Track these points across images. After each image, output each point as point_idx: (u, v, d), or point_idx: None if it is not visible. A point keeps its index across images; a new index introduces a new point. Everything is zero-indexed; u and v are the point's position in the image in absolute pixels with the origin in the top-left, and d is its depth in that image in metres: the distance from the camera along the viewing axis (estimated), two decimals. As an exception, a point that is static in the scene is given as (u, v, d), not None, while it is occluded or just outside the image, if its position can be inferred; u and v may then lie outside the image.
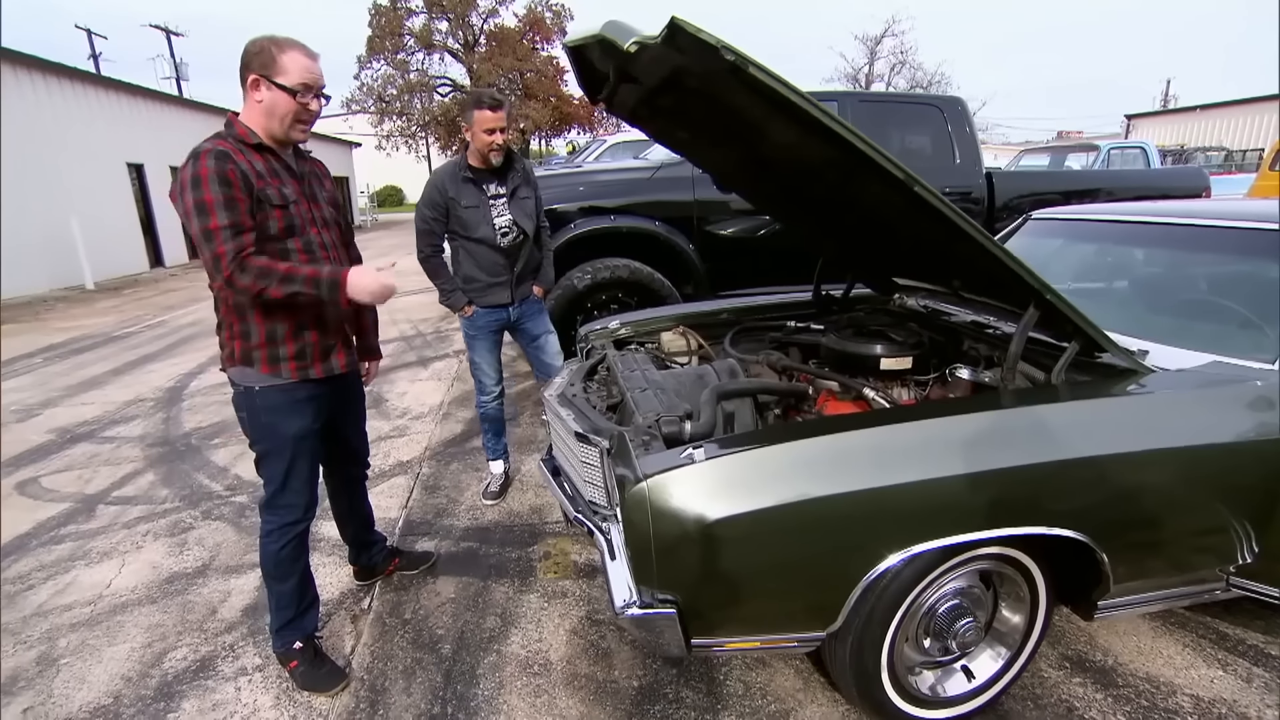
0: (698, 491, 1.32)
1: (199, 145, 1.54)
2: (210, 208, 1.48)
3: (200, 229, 1.48)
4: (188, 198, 1.49)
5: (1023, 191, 4.80)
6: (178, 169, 1.55)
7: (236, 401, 1.73)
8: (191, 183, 1.49)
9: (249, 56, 1.57)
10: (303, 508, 1.80)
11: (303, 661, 1.84)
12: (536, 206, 2.67)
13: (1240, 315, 1.82)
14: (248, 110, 1.61)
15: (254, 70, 1.56)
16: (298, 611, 1.85)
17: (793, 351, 2.37)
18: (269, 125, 1.60)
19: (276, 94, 1.57)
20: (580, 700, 1.76)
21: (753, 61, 1.26)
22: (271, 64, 1.55)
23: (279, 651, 1.87)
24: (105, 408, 4.48)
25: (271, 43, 1.57)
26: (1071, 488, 1.46)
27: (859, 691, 1.55)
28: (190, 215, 1.49)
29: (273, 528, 1.78)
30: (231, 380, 1.71)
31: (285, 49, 1.57)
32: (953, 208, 1.45)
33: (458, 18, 25.36)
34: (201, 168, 1.49)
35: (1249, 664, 1.81)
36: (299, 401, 1.72)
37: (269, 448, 1.73)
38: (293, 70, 1.57)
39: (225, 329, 1.67)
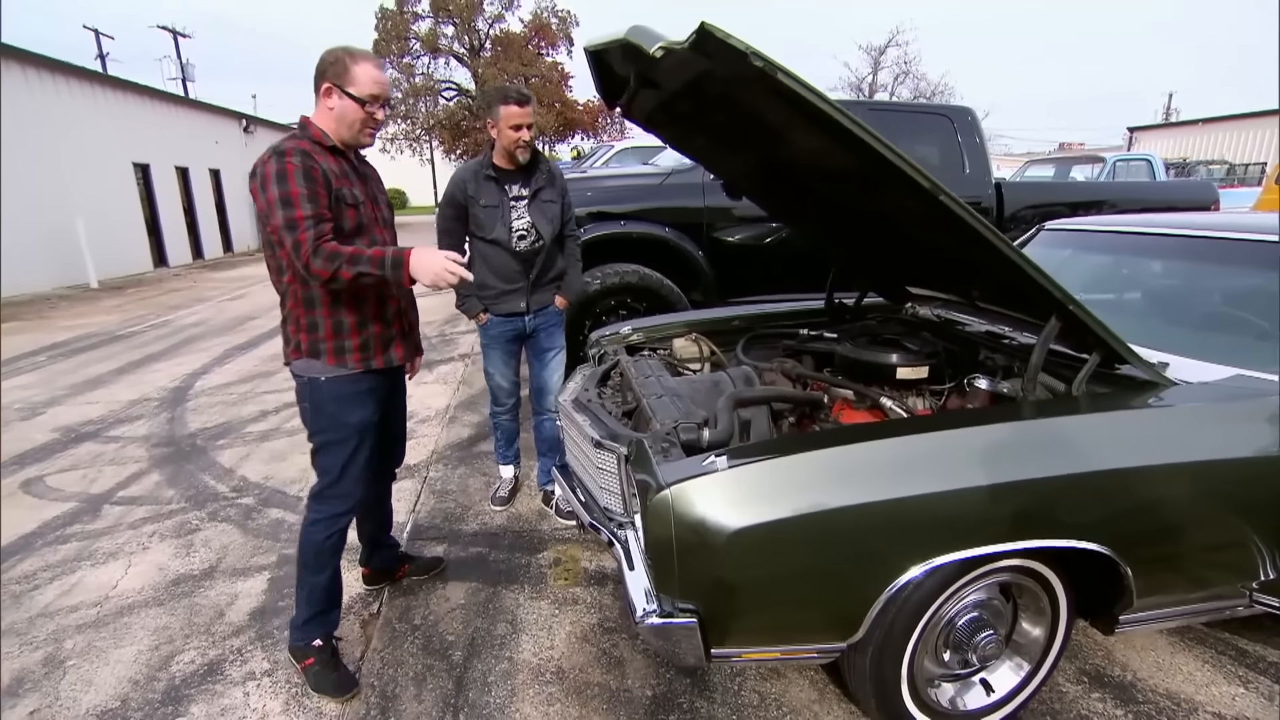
0: (721, 500, 1.31)
1: (281, 143, 1.61)
2: (296, 200, 1.55)
3: (285, 219, 1.55)
4: (272, 190, 1.55)
5: (1031, 202, 4.79)
6: (256, 167, 1.60)
7: (300, 393, 1.78)
8: (277, 177, 1.56)
9: (324, 65, 1.65)
10: (353, 500, 1.83)
11: (318, 661, 1.83)
12: (563, 211, 2.57)
13: (1263, 329, 1.81)
14: (320, 115, 1.68)
15: (328, 79, 1.64)
16: (325, 607, 1.85)
17: (806, 359, 2.36)
18: (339, 130, 1.68)
19: (347, 102, 1.65)
20: (594, 709, 1.74)
21: (781, 68, 1.25)
22: (344, 74, 1.63)
23: (297, 647, 1.85)
24: (110, 407, 4.46)
25: (346, 54, 1.65)
26: (1094, 500, 1.44)
27: (878, 704, 1.53)
28: (274, 207, 1.55)
29: (321, 517, 1.80)
30: (295, 373, 1.76)
31: (358, 60, 1.65)
32: (978, 217, 1.44)
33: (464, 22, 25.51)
34: (287, 163, 1.57)
35: (1271, 681, 1.79)
36: (362, 392, 1.77)
37: (332, 438, 1.76)
38: (363, 81, 1.65)
39: (291, 323, 1.72)
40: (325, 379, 1.73)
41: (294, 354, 1.74)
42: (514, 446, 2.91)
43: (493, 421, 2.84)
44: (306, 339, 1.71)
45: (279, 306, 1.76)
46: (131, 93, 13.36)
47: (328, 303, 1.69)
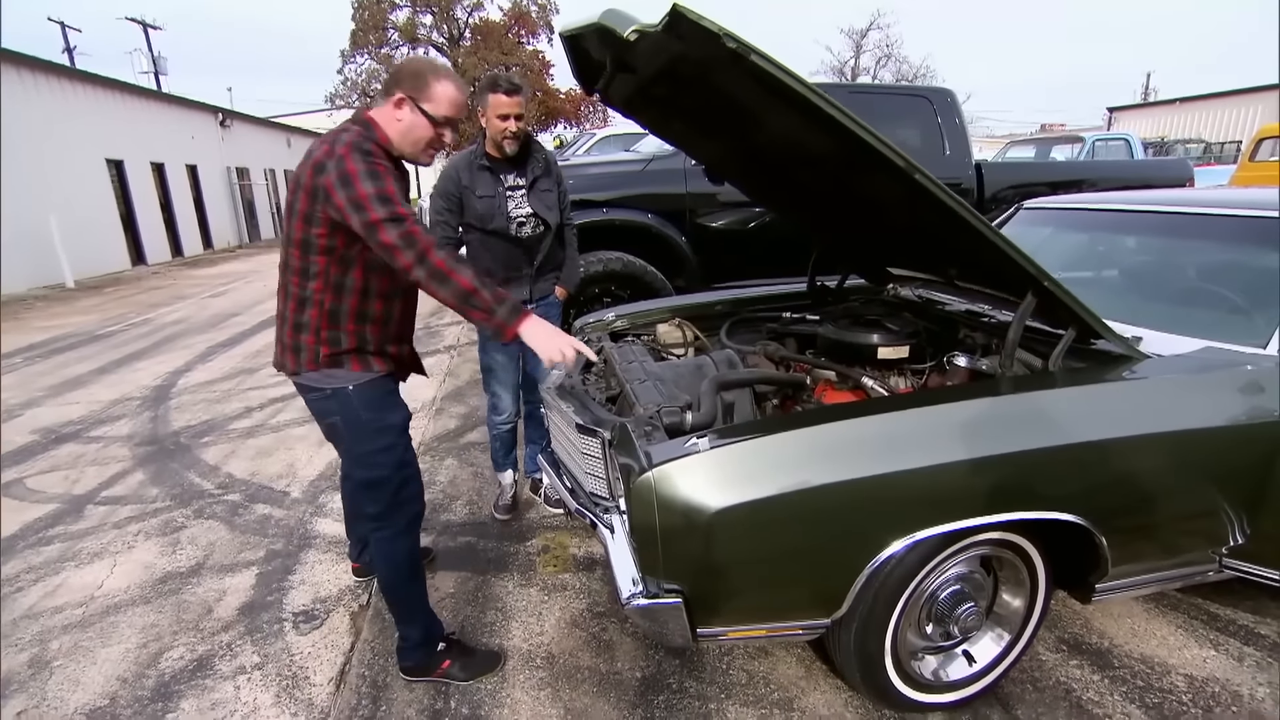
0: (703, 481, 1.32)
1: (358, 138, 1.48)
2: (394, 198, 1.45)
3: (387, 214, 1.42)
4: (363, 186, 1.42)
5: (1011, 182, 4.84)
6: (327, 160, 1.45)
7: (324, 408, 1.66)
8: (369, 175, 1.43)
9: (403, 74, 1.56)
10: (420, 496, 1.77)
11: (454, 658, 1.81)
12: (560, 199, 2.51)
13: (1232, 301, 1.84)
14: (385, 120, 1.56)
15: (404, 88, 1.53)
16: (431, 613, 1.82)
17: (789, 342, 2.38)
18: (401, 143, 1.58)
19: (418, 118, 1.55)
20: (584, 692, 1.76)
21: (754, 49, 1.25)
22: (424, 89, 1.54)
23: (420, 663, 1.79)
24: (91, 407, 4.40)
25: (429, 68, 1.56)
26: (1070, 472, 1.47)
27: (863, 677, 1.56)
28: (369, 201, 1.42)
29: (401, 527, 1.71)
30: (310, 386, 1.63)
31: (440, 78, 1.55)
32: (954, 196, 1.45)
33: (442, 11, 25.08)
34: (378, 163, 1.46)
35: (1240, 643, 1.85)
36: (392, 391, 1.71)
37: (381, 443, 1.65)
38: (441, 100, 1.55)
39: (309, 332, 1.58)
40: (354, 387, 1.62)
41: (310, 364, 1.60)
42: (513, 454, 2.77)
43: (491, 433, 2.68)
44: (328, 351, 1.58)
45: (289, 310, 1.58)
46: (102, 87, 13.04)
47: (355, 317, 1.59)
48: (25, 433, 3.94)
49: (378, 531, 1.72)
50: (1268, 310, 1.69)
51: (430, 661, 1.80)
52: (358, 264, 1.56)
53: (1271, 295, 1.71)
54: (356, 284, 1.58)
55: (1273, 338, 1.63)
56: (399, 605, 1.78)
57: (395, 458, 1.68)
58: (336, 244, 1.51)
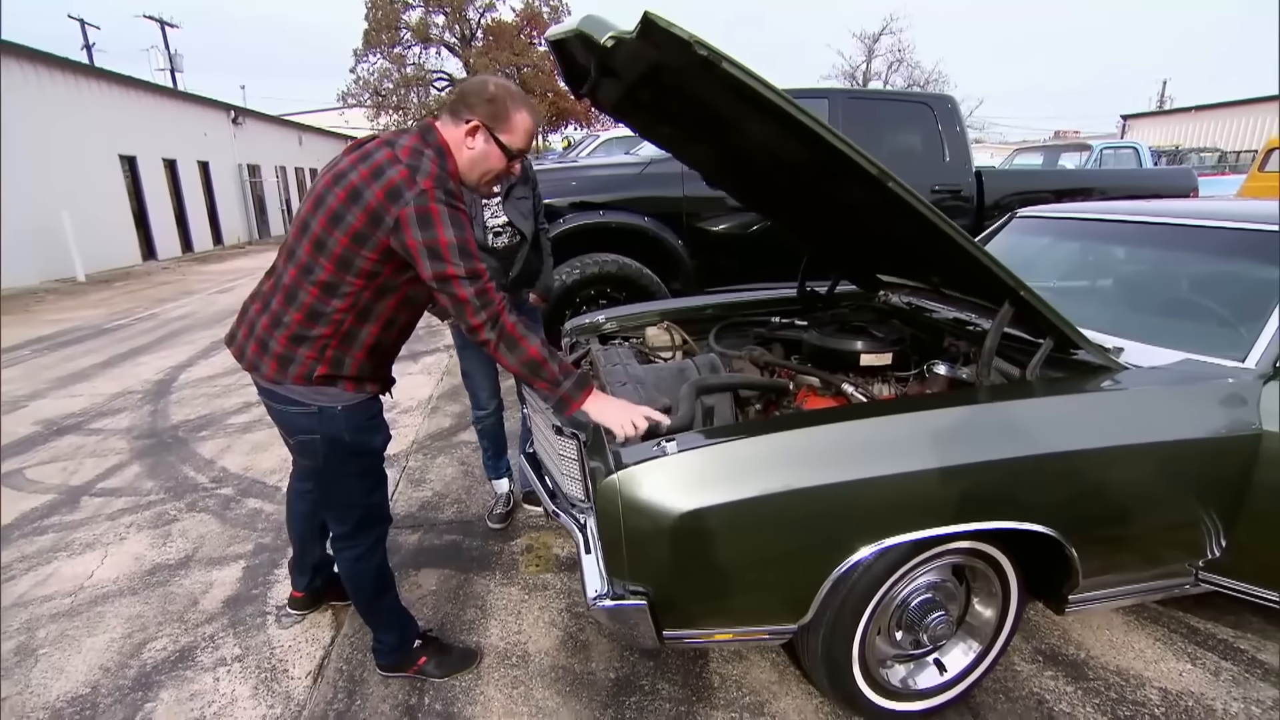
0: (669, 484, 1.33)
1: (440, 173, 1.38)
2: (474, 251, 1.38)
3: (467, 270, 1.36)
4: (446, 234, 1.34)
5: (1013, 190, 4.81)
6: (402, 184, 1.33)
7: (302, 424, 1.54)
8: (452, 220, 1.35)
9: (476, 98, 1.44)
10: (387, 513, 1.74)
11: (430, 656, 1.82)
12: (535, 206, 2.47)
13: (1214, 314, 1.83)
14: (454, 145, 1.46)
15: (479, 115, 1.44)
16: (405, 617, 1.82)
17: (776, 347, 2.38)
18: (469, 172, 1.50)
19: (493, 149, 1.47)
20: (557, 691, 1.77)
21: (725, 57, 1.26)
22: (503, 119, 1.45)
23: (393, 664, 1.80)
24: (93, 400, 4.46)
25: (509, 95, 1.47)
26: (1041, 482, 1.48)
27: (830, 684, 1.57)
28: (448, 253, 1.34)
29: (366, 547, 1.68)
30: (292, 399, 1.50)
31: (520, 107, 1.47)
32: (926, 204, 1.45)
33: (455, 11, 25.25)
34: (460, 207, 1.39)
35: (1218, 658, 1.83)
36: (377, 415, 1.65)
37: (356, 467, 1.60)
38: (519, 132, 1.48)
39: (311, 347, 1.45)
40: (343, 408, 1.53)
41: (298, 379, 1.47)
42: (504, 458, 2.72)
43: (477, 429, 2.65)
44: (327, 370, 1.48)
45: (291, 317, 1.44)
46: (118, 84, 13.22)
47: (369, 345, 1.51)
48: (28, 424, 4.01)
49: (345, 551, 1.69)
50: (1248, 324, 1.68)
51: (406, 659, 1.81)
52: (395, 295, 1.48)
53: (1252, 309, 1.70)
54: (385, 313, 1.50)
55: (1252, 351, 1.62)
56: (371, 616, 1.78)
57: (369, 482, 1.64)
58: (383, 271, 1.42)
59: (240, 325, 1.57)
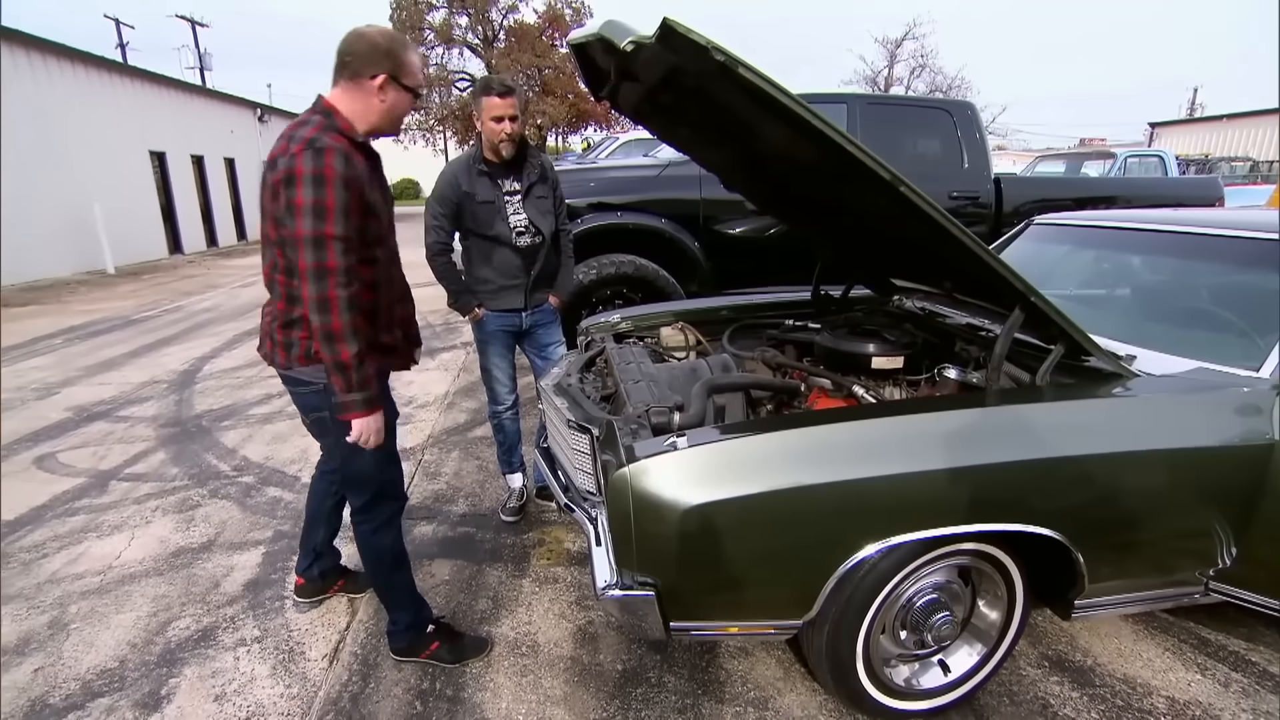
0: (678, 478, 1.36)
1: (317, 137, 1.41)
2: (330, 213, 1.39)
3: (313, 232, 1.38)
4: (304, 193, 1.37)
5: (1033, 197, 4.78)
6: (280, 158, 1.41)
7: (312, 402, 1.63)
8: (313, 180, 1.37)
9: (377, 54, 1.47)
10: (403, 490, 1.81)
11: (442, 640, 1.86)
12: (556, 206, 2.49)
13: (1228, 323, 1.83)
14: (358, 104, 1.49)
15: (384, 69, 1.47)
16: (419, 599, 1.87)
17: (789, 349, 2.40)
18: (381, 124, 1.53)
19: (402, 95, 1.51)
20: (565, 681, 1.81)
21: (741, 62, 1.30)
22: (403, 65, 1.49)
23: (407, 647, 1.85)
24: (121, 388, 4.60)
25: (396, 43, 1.50)
26: (1048, 486, 1.49)
27: (834, 681, 1.59)
28: (301, 213, 1.37)
29: (381, 522, 1.75)
30: (300, 380, 1.61)
31: (409, 50, 1.52)
32: (939, 209, 1.47)
33: (478, 13, 25.48)
34: (327, 166, 1.38)
35: (1228, 669, 1.82)
36: (384, 390, 1.68)
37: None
38: (415, 70, 1.53)
39: (301, 327, 1.55)
40: None
41: (301, 359, 1.57)
42: (518, 453, 2.75)
43: (494, 424, 2.68)
44: (320, 346, 1.52)
45: (278, 308, 1.57)
46: (149, 82, 13.56)
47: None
48: (60, 409, 4.14)
49: (361, 525, 1.76)
50: (1264, 334, 1.68)
51: (419, 643, 1.86)
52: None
53: (1268, 319, 1.69)
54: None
55: (1267, 361, 1.61)
56: (386, 593, 1.85)
57: (382, 455, 1.68)
58: None
59: (260, 325, 1.71)
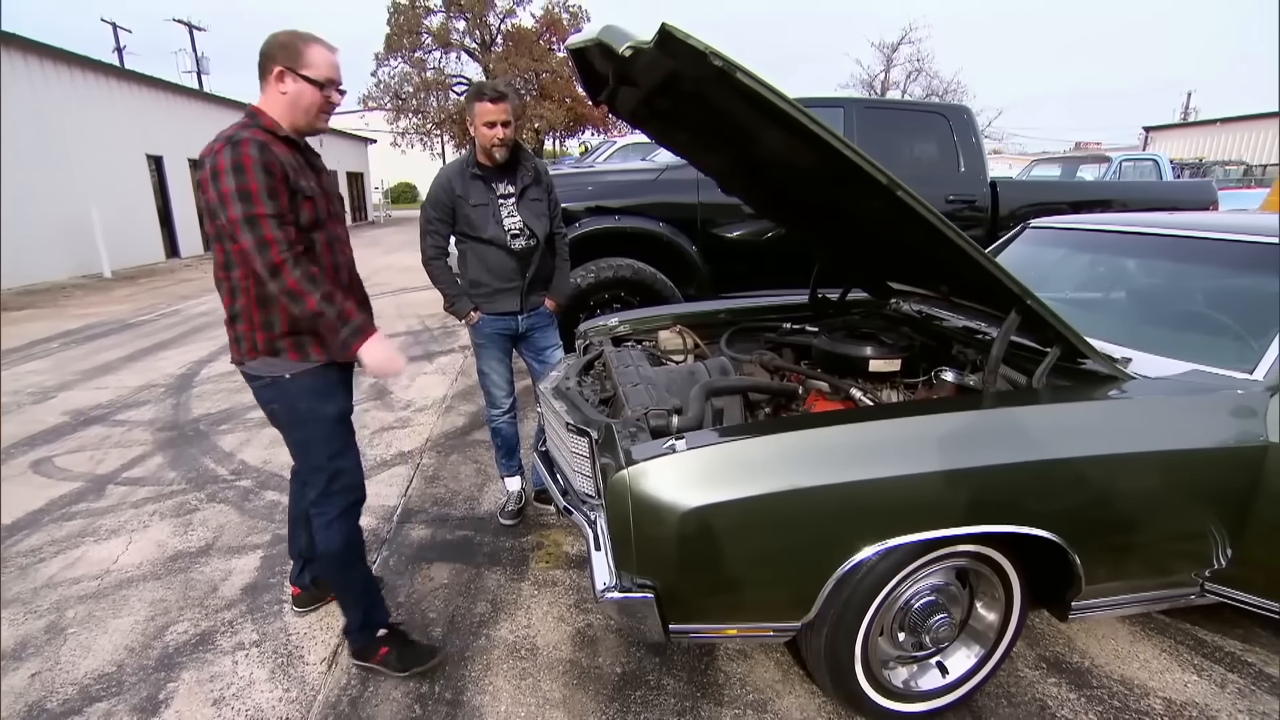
0: (677, 480, 1.37)
1: (235, 133, 1.52)
2: (255, 195, 1.47)
3: (244, 214, 1.46)
4: (227, 182, 1.46)
5: (1029, 201, 4.80)
6: (205, 157, 1.51)
7: (265, 396, 1.70)
8: (233, 169, 1.47)
9: (273, 49, 1.58)
10: (359, 485, 1.80)
11: (392, 647, 1.83)
12: (551, 209, 2.49)
13: (1222, 325, 1.84)
14: (270, 102, 1.61)
15: (279, 63, 1.57)
16: (374, 598, 1.85)
17: (786, 352, 2.41)
18: (294, 117, 1.62)
19: (303, 86, 1.59)
20: (564, 684, 1.81)
21: (739, 67, 1.31)
22: (298, 57, 1.58)
23: (361, 647, 1.83)
24: (118, 392, 4.59)
25: (296, 37, 1.60)
26: (1045, 488, 1.49)
27: (833, 683, 1.59)
28: (229, 200, 1.46)
29: (336, 514, 1.75)
30: (252, 374, 1.68)
31: (309, 43, 1.60)
32: (935, 213, 1.48)
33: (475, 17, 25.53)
34: (244, 155, 1.47)
35: (1224, 670, 1.83)
36: (333, 383, 1.72)
37: (315, 433, 1.71)
38: (318, 63, 1.60)
39: (244, 320, 1.63)
40: (290, 375, 1.66)
41: (249, 353, 1.65)
42: (516, 456, 2.75)
43: (491, 428, 2.69)
44: (264, 337, 1.63)
45: (224, 305, 1.65)
46: (146, 85, 13.57)
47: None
48: (57, 414, 4.13)
49: (316, 516, 1.77)
50: (1258, 336, 1.69)
51: (369, 646, 1.83)
52: None
53: (1261, 321, 1.71)
54: None
55: (1261, 364, 1.63)
56: (337, 589, 1.84)
57: (331, 448, 1.72)
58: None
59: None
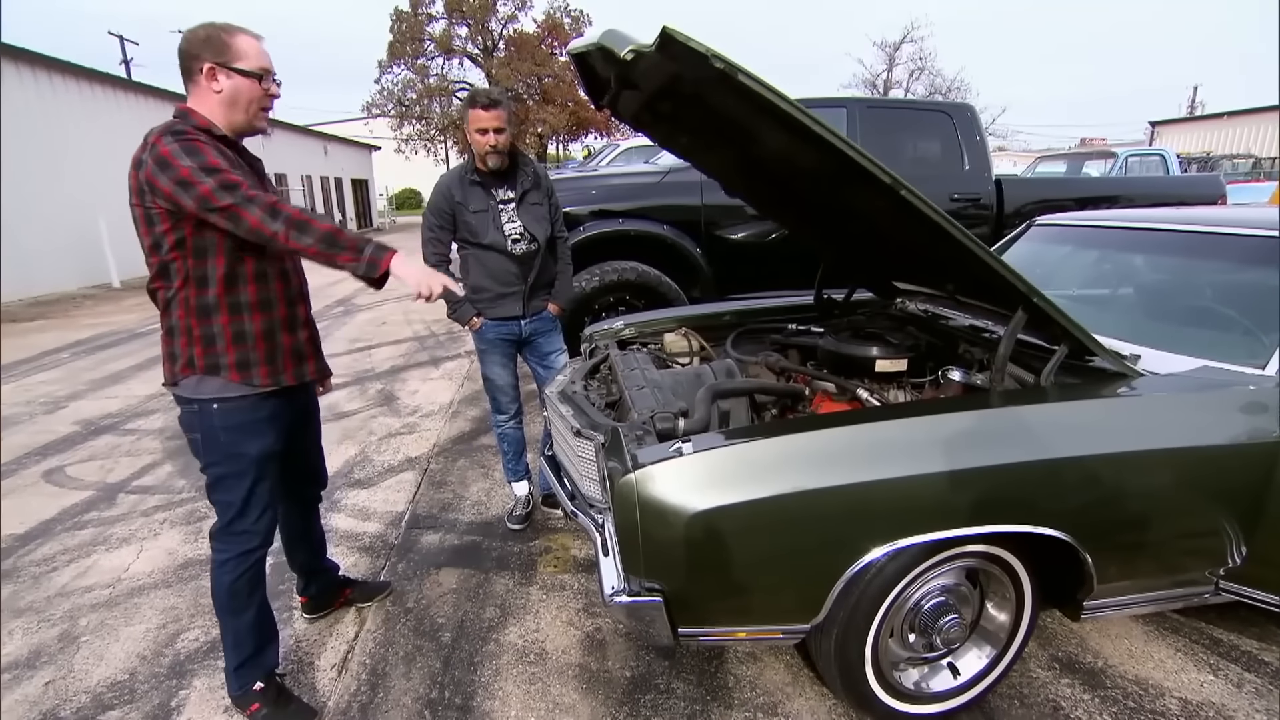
0: (684, 483, 1.37)
1: (166, 126, 1.43)
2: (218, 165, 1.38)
3: (217, 183, 1.36)
4: (182, 162, 1.36)
5: (1034, 198, 4.78)
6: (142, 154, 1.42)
7: (187, 422, 1.56)
8: (185, 151, 1.38)
9: (196, 45, 1.45)
10: (262, 534, 1.65)
11: (265, 703, 1.69)
12: (552, 213, 2.49)
13: (1232, 321, 1.82)
14: (202, 102, 1.48)
15: (207, 59, 1.44)
16: (256, 647, 1.69)
17: (792, 353, 2.41)
18: (231, 116, 1.50)
19: (238, 81, 1.47)
20: (574, 689, 1.81)
21: (740, 69, 1.31)
22: (226, 50, 1.45)
23: (236, 696, 1.70)
24: (127, 401, 4.62)
25: (217, 29, 1.46)
26: (1055, 487, 1.48)
27: (844, 685, 1.58)
28: (193, 178, 1.36)
29: (227, 557, 1.62)
30: (182, 398, 1.54)
31: (234, 33, 1.47)
32: (940, 211, 1.48)
33: (477, 23, 25.70)
34: (192, 139, 1.40)
35: (1241, 669, 1.81)
36: (261, 420, 1.58)
37: (227, 470, 1.58)
38: (250, 54, 1.48)
39: (181, 334, 1.50)
40: (217, 405, 1.52)
41: (184, 370, 1.50)
42: (523, 460, 2.76)
43: (497, 433, 2.70)
44: (203, 353, 1.49)
45: (161, 318, 1.53)
46: (153, 96, 13.67)
47: (227, 308, 1.50)
48: (68, 423, 4.17)
49: (215, 551, 1.65)
50: (1268, 331, 1.68)
51: (243, 695, 1.70)
52: (217, 251, 1.47)
53: (1273, 316, 1.69)
54: (219, 271, 1.48)
55: (1272, 359, 1.61)
56: (221, 627, 1.69)
57: (242, 490, 1.59)
58: (185, 235, 1.44)
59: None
